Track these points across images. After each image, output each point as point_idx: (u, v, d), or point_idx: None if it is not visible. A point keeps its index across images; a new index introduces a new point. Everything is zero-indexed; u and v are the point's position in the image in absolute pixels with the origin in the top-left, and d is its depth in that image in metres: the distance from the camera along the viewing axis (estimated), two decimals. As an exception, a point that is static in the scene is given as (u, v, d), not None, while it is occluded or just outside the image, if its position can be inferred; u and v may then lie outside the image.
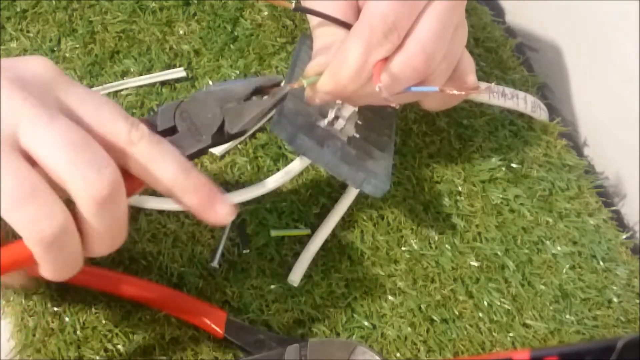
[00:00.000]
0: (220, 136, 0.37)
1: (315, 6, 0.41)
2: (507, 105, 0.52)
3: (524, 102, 0.52)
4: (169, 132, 0.36)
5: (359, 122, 0.45)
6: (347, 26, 0.40)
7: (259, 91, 0.38)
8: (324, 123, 0.44)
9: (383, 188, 0.43)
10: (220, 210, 0.35)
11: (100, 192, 0.30)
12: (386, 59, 0.38)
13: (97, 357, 0.41)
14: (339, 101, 0.44)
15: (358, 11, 0.41)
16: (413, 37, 0.38)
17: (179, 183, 0.33)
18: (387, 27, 0.37)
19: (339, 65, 0.39)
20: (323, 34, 0.41)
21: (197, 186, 0.34)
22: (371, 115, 0.46)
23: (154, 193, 0.46)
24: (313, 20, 0.42)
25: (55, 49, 0.51)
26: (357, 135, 0.45)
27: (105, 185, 0.30)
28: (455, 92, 0.40)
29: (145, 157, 0.32)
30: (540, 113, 0.54)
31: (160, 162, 0.33)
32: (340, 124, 0.44)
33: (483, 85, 0.50)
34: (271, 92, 0.38)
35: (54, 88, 0.32)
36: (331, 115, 0.44)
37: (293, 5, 0.40)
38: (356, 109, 0.45)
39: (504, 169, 0.52)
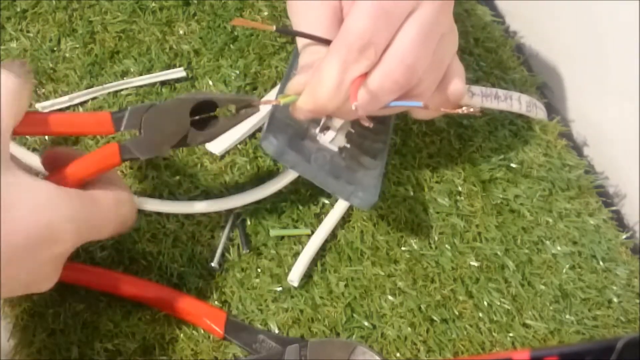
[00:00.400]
0: (181, 145, 0.38)
1: (300, 23, 0.41)
2: (501, 107, 0.51)
3: (518, 103, 0.52)
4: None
5: (352, 130, 0.45)
6: (330, 44, 0.40)
7: (235, 105, 0.39)
8: (314, 133, 0.44)
9: (370, 201, 0.43)
10: None
11: None
12: (365, 75, 0.38)
13: (97, 357, 0.41)
14: None
15: None
16: (391, 51, 0.38)
17: None
18: (362, 43, 0.37)
19: (317, 85, 0.38)
20: (307, 52, 0.41)
21: None
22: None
23: (153, 194, 0.46)
24: (300, 39, 0.42)
25: (55, 49, 0.51)
26: (348, 145, 0.45)
27: None
28: (444, 110, 0.39)
29: None
30: (537, 112, 0.54)
31: None
32: (330, 135, 0.44)
33: (475, 89, 0.49)
34: (242, 111, 0.39)
35: None
36: (321, 126, 0.44)
37: (274, 27, 0.40)
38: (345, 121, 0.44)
39: (504, 169, 0.52)
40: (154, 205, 0.46)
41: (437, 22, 0.39)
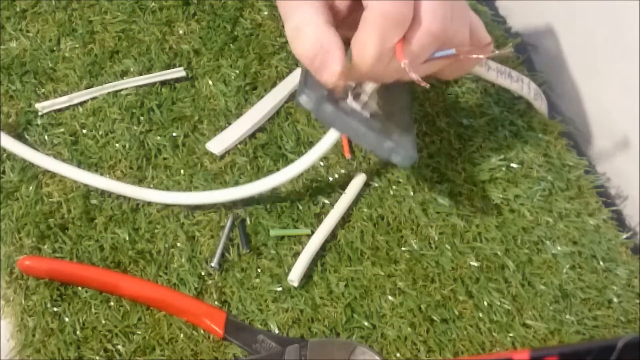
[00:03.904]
0: None
1: (294, 22, 0.40)
2: (512, 87, 0.51)
3: (527, 88, 0.52)
4: None
5: (379, 101, 0.44)
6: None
7: None
8: (347, 99, 0.42)
9: (412, 156, 0.41)
10: None
11: None
12: (404, 38, 0.38)
13: (97, 357, 0.41)
14: None
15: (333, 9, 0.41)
16: (422, 5, 0.38)
17: None
18: (397, 9, 0.37)
19: (361, 53, 0.38)
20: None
21: None
22: (388, 96, 0.45)
23: (157, 187, 0.46)
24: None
25: (54, 48, 0.51)
26: (380, 112, 0.43)
27: None
28: (478, 55, 0.40)
29: None
30: (541, 103, 0.54)
31: None
32: (363, 99, 0.43)
33: (492, 64, 0.49)
34: None
35: None
36: (352, 92, 0.43)
37: None
38: (376, 87, 0.43)
39: (504, 169, 0.52)
40: (157, 196, 0.46)
41: None
